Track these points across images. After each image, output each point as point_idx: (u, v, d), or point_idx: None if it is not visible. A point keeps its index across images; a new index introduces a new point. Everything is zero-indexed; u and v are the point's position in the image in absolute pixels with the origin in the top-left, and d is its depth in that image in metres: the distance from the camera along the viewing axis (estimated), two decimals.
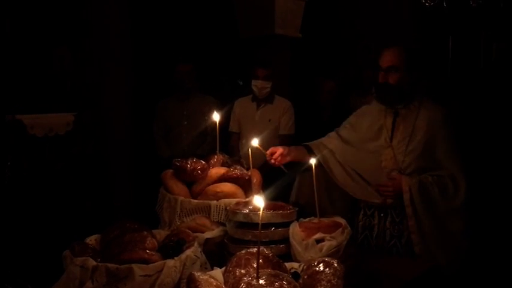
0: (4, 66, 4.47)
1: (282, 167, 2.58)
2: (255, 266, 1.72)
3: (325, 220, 2.18)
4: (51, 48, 4.25)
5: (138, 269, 1.81)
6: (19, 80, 4.14)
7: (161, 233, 2.22)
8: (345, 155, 2.66)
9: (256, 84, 4.13)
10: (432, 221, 2.43)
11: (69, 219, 3.28)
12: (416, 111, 2.56)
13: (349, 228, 2.07)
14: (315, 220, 2.19)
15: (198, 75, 4.60)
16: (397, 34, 6.98)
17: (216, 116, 2.63)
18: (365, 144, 2.63)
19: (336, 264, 1.73)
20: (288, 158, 2.57)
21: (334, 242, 1.98)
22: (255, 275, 1.63)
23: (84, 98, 4.06)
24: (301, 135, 4.32)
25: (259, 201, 1.68)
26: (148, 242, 2.03)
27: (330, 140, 2.75)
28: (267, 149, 4.06)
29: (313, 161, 2.22)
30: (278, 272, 1.71)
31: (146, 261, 1.87)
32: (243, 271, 1.76)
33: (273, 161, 2.54)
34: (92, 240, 2.16)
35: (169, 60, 4.77)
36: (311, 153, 2.66)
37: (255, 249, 1.79)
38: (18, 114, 3.26)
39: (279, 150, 2.56)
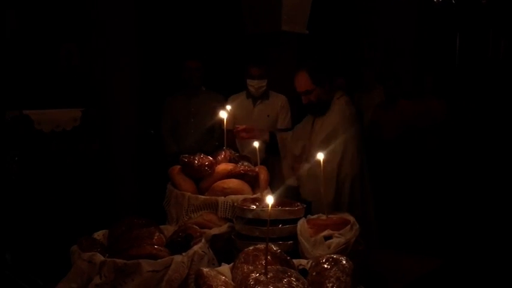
0: (12, 62, 4.48)
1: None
2: (263, 262, 1.72)
3: (334, 217, 2.16)
4: (59, 45, 4.26)
5: (146, 265, 1.81)
6: (27, 76, 4.16)
7: (168, 229, 2.22)
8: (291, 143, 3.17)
9: (253, 84, 4.13)
10: None
11: (75, 215, 3.28)
12: (328, 114, 3.05)
13: (357, 225, 2.06)
14: (323, 217, 2.18)
15: (205, 72, 4.59)
16: (403, 30, 6.96)
17: (223, 113, 2.63)
18: (300, 139, 3.18)
19: (344, 262, 1.72)
20: (253, 134, 3.04)
21: (342, 239, 1.96)
22: (263, 271, 1.63)
23: (91, 94, 4.06)
24: None
25: (269, 198, 1.67)
26: (156, 237, 2.03)
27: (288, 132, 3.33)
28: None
29: (320, 156, 2.21)
30: (286, 268, 1.71)
31: (154, 257, 1.87)
32: (251, 267, 1.76)
33: (243, 134, 3.00)
34: (99, 235, 2.16)
35: (176, 57, 4.77)
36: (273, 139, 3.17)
37: (263, 246, 1.78)
38: (25, 110, 3.27)
39: (243, 126, 3.06)
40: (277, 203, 2.17)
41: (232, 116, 4.21)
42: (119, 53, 4.23)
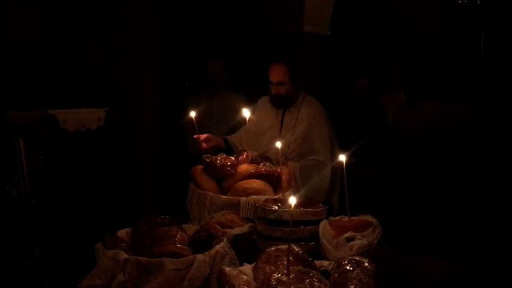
0: (39, 62, 4.57)
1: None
2: (284, 263, 1.72)
3: (356, 219, 2.15)
4: (83, 45, 4.32)
5: (169, 263, 1.83)
6: (53, 76, 4.24)
7: (191, 228, 2.25)
8: (251, 141, 3.20)
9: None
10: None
11: (99, 213, 3.32)
12: (298, 108, 3.30)
13: (380, 227, 2.05)
14: (345, 219, 2.17)
15: (228, 72, 4.61)
16: (426, 31, 6.87)
17: (245, 112, 2.63)
18: (264, 134, 3.33)
19: (366, 263, 1.71)
20: (212, 143, 3.07)
21: (364, 241, 1.96)
22: (285, 271, 1.63)
23: (115, 94, 4.10)
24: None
25: (292, 199, 1.68)
26: (178, 236, 2.05)
27: (240, 131, 3.39)
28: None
29: (342, 158, 2.20)
30: (308, 269, 1.71)
31: (177, 255, 1.89)
32: (272, 267, 1.76)
33: (204, 144, 2.96)
34: (123, 233, 2.19)
35: (198, 57, 4.80)
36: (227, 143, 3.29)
37: (285, 246, 1.78)
38: (51, 109, 3.31)
39: (205, 135, 3.05)
40: (299, 204, 2.17)
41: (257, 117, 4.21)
42: (142, 53, 4.27)
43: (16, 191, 2.18)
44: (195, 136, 2.94)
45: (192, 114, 2.73)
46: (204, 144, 2.94)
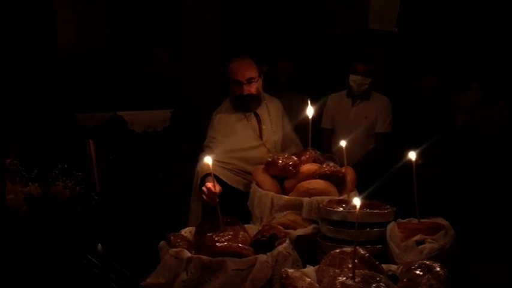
0: (108, 67, 4.75)
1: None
2: (349, 266, 1.67)
3: (426, 221, 2.04)
4: (150, 49, 4.44)
5: (231, 263, 1.82)
6: (121, 79, 4.38)
7: (253, 228, 2.22)
8: (231, 161, 2.78)
9: (355, 80, 3.97)
10: None
11: (165, 211, 3.39)
12: (265, 106, 2.95)
13: (452, 230, 1.93)
14: (415, 221, 2.07)
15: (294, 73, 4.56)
16: (497, 27, 6.50)
17: (309, 111, 2.57)
18: (241, 149, 2.83)
19: (438, 268, 1.62)
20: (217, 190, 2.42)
21: (435, 245, 1.85)
22: (350, 274, 1.57)
23: (179, 95, 4.18)
24: (397, 133, 4.14)
25: (356, 200, 1.61)
26: (241, 236, 2.04)
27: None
28: (362, 147, 3.93)
29: (412, 156, 2.09)
30: (375, 273, 1.64)
31: (239, 255, 1.88)
32: (337, 270, 1.71)
33: (216, 199, 2.26)
34: (186, 232, 2.21)
35: (264, 58, 4.78)
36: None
37: (350, 249, 1.72)
38: (119, 111, 3.43)
39: (209, 185, 2.46)
40: (365, 205, 2.09)
41: (331, 115, 4.14)
42: (205, 55, 4.32)
43: (80, 188, 2.25)
44: (210, 186, 2.42)
45: (208, 160, 2.17)
46: (216, 199, 2.25)
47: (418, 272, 1.62)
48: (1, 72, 4.47)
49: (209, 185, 2.44)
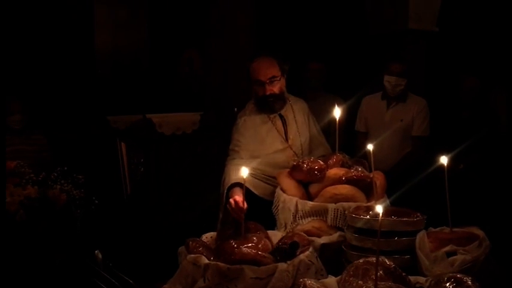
0: (145, 71, 4.80)
1: None
2: (373, 277, 1.56)
3: (459, 231, 1.92)
4: (182, 51, 4.45)
5: (249, 271, 1.77)
6: (152, 82, 4.42)
7: (277, 235, 2.16)
8: (258, 166, 2.67)
9: (390, 80, 3.82)
10: None
11: (194, 215, 3.36)
12: (290, 107, 2.83)
13: (488, 241, 1.79)
14: (447, 230, 1.95)
15: (328, 74, 4.46)
16: None
17: (336, 112, 2.47)
18: (268, 154, 2.71)
19: (470, 282, 1.52)
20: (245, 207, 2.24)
21: (468, 257, 1.72)
22: (373, 287, 1.47)
23: (209, 98, 4.15)
24: (437, 136, 3.96)
25: (379, 207, 1.52)
26: (262, 243, 1.98)
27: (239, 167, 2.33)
28: (397, 151, 3.78)
29: (444, 160, 1.97)
30: (401, 286, 1.54)
31: (258, 263, 1.81)
32: (360, 282, 1.62)
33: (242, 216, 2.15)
34: (207, 237, 2.17)
35: (296, 59, 4.70)
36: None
37: (374, 259, 1.62)
38: (148, 113, 3.43)
39: (238, 199, 2.29)
40: (393, 213, 1.98)
41: (365, 118, 4.01)
42: (236, 57, 4.28)
43: (79, 192, 2.23)
44: (238, 200, 2.25)
45: (244, 172, 2.10)
46: (242, 216, 2.14)
47: (447, 285, 1.52)
48: (40, 75, 4.60)
49: (238, 198, 2.28)
